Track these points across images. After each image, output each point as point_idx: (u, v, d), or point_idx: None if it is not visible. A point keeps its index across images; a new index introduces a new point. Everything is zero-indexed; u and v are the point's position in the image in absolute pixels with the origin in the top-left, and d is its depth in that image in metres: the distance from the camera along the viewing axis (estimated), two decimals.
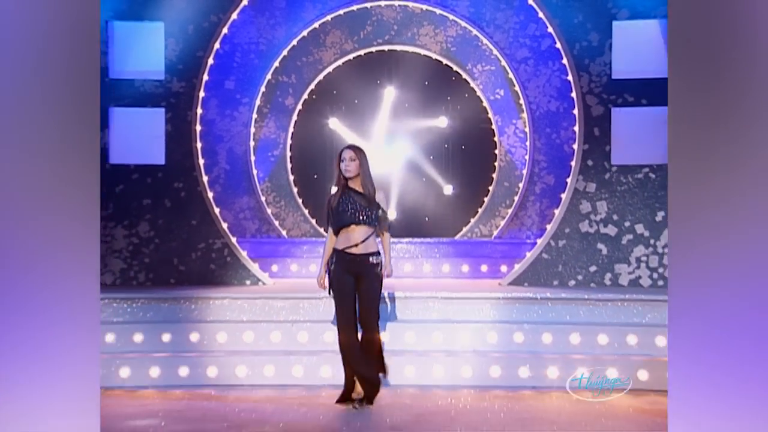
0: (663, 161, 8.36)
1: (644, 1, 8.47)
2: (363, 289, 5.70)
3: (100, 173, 8.55)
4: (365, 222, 5.62)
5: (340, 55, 11.15)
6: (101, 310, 7.31)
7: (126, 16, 8.63)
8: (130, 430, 5.62)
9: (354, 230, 5.62)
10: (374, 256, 5.69)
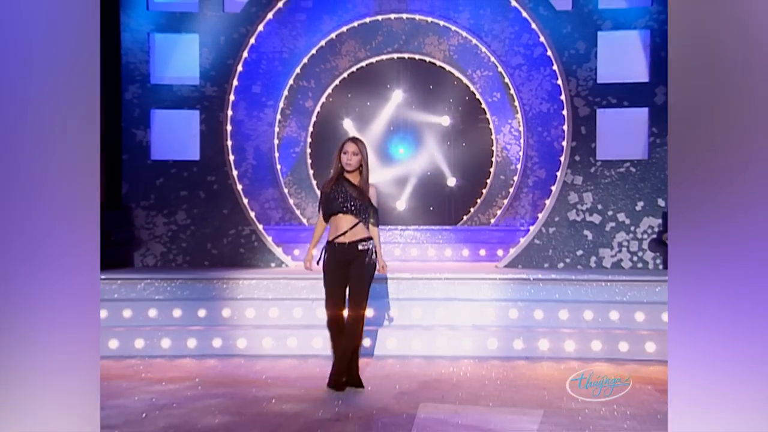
0: (643, 157, 8.47)
1: (626, 14, 8.47)
2: (353, 273, 5.29)
3: (143, 169, 8.46)
4: (352, 212, 5.22)
5: (354, 62, 11.11)
6: (144, 289, 7.53)
7: (165, 29, 8.68)
8: (172, 391, 5.62)
9: (341, 218, 5.24)
10: (363, 243, 5.26)
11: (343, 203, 5.18)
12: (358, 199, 5.21)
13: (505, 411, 5.05)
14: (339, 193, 5.22)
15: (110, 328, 7.16)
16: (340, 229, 5.20)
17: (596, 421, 4.76)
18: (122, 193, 8.66)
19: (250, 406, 5.17)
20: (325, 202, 5.32)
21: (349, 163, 5.21)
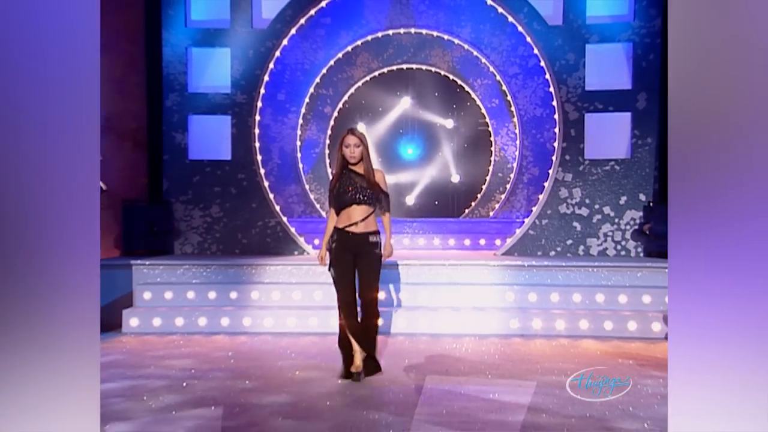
0: (626, 156, 8.44)
1: (611, 28, 8.44)
2: (362, 269, 4.90)
3: (182, 168, 8.41)
4: (365, 202, 4.79)
5: (368, 72, 11.10)
6: (183, 274, 7.57)
7: (201, 43, 8.70)
8: (210, 361, 5.74)
9: (354, 209, 4.79)
10: (373, 236, 4.85)
11: (354, 195, 4.79)
12: (369, 188, 4.82)
13: (503, 382, 5.08)
14: (349, 186, 4.82)
15: (154, 308, 7.27)
16: (352, 219, 4.80)
17: (584, 391, 4.74)
18: (163, 189, 8.70)
19: (276, 375, 5.24)
20: (336, 197, 4.87)
21: (352, 155, 4.84)
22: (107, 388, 4.85)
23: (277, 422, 4.14)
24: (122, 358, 5.93)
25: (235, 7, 8.64)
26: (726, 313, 2.06)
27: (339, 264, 4.85)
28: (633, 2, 8.36)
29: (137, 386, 4.94)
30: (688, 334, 2.14)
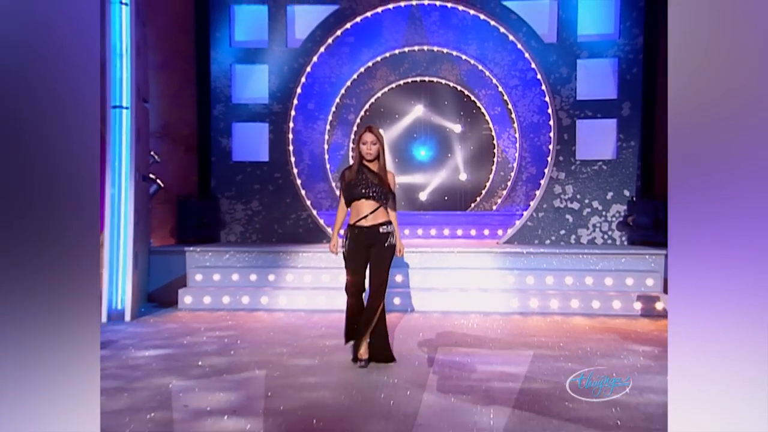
0: (612, 157, 8.42)
1: (599, 46, 8.43)
2: (374, 257, 4.48)
3: (226, 168, 8.43)
4: (374, 198, 4.43)
5: (386, 84, 11.01)
6: (228, 259, 7.64)
7: (243, 61, 8.75)
8: (253, 331, 5.85)
9: (363, 204, 4.43)
10: (384, 226, 4.45)
11: (364, 190, 4.42)
12: (379, 185, 4.45)
13: (503, 352, 5.14)
14: (360, 181, 4.45)
15: (204, 287, 7.36)
16: (361, 213, 4.44)
17: (573, 359, 4.83)
18: (211, 186, 8.74)
19: (306, 344, 5.35)
20: (347, 189, 4.51)
21: (369, 152, 4.46)
22: (168, 353, 5.04)
23: (303, 378, 4.28)
24: (179, 329, 6.05)
25: (272, 30, 8.67)
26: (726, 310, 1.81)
27: (353, 258, 4.50)
28: (618, 22, 8.33)
29: (192, 351, 5.08)
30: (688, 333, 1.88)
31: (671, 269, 2.01)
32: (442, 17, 9.49)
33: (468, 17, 8.86)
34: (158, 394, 3.91)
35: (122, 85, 6.55)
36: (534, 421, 3.42)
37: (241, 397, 3.86)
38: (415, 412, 3.59)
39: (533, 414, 3.53)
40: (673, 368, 1.93)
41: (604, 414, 3.53)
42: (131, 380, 4.23)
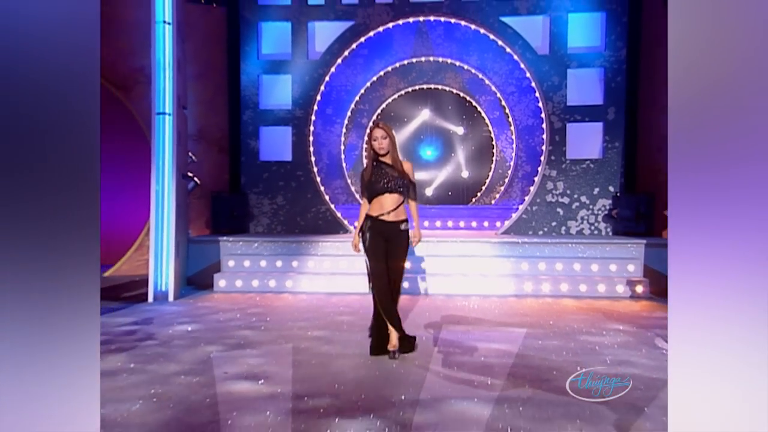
0: (599, 156, 8.41)
1: (587, 57, 8.42)
2: (392, 252, 4.11)
3: (254, 167, 8.54)
4: (396, 191, 4.09)
5: (396, 91, 11.05)
6: (257, 247, 7.63)
7: (269, 71, 8.79)
8: (279, 310, 5.91)
9: (386, 198, 4.09)
10: (403, 224, 4.15)
11: (386, 185, 4.08)
12: (399, 177, 4.11)
13: (500, 329, 5.17)
14: (381, 177, 4.10)
15: (236, 272, 7.44)
16: (384, 207, 4.09)
17: (561, 335, 4.87)
18: (241, 183, 8.81)
19: (327, 322, 5.39)
20: (368, 187, 4.16)
21: (381, 147, 4.12)
22: (206, 327, 5.13)
23: (324, 350, 4.37)
24: (215, 307, 6.12)
25: (295, 44, 8.72)
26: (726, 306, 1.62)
27: (373, 248, 4.11)
28: (604, 36, 8.32)
29: (227, 326, 5.19)
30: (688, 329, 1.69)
31: (671, 265, 1.75)
32: (446, 31, 9.46)
33: (469, 31, 8.85)
34: (200, 362, 4.03)
35: (165, 94, 6.61)
36: (525, 387, 3.49)
37: (271, 365, 3.96)
38: (422, 379, 3.65)
39: (525, 381, 3.60)
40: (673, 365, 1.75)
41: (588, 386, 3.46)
42: (177, 350, 4.35)
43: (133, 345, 4.55)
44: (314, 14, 8.77)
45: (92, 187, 1.63)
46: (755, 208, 1.58)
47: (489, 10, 8.50)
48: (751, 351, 1.59)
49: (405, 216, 4.18)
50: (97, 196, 1.66)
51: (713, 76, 1.66)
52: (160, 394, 3.34)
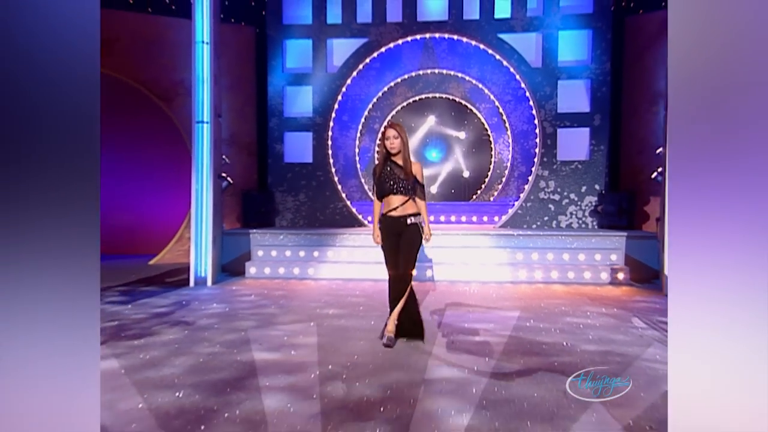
0: (586, 158, 8.41)
1: (575, 69, 8.42)
2: (402, 244, 3.94)
3: (279, 168, 8.67)
4: (401, 192, 3.92)
5: (404, 100, 10.99)
6: (282, 239, 7.66)
7: (293, 83, 8.86)
8: (303, 293, 5.94)
9: (393, 198, 3.94)
10: (411, 217, 3.92)
11: (393, 185, 3.93)
12: (406, 179, 3.93)
13: (497, 311, 5.22)
14: (389, 177, 3.94)
15: (264, 261, 7.53)
16: (392, 205, 3.95)
17: (551, 315, 4.92)
18: (268, 182, 8.91)
19: (344, 303, 5.48)
20: (378, 185, 4.01)
21: (393, 147, 3.93)
22: (240, 306, 5.24)
23: (333, 322, 4.52)
24: (246, 291, 6.23)
25: (315, 59, 8.81)
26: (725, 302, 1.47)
27: (386, 244, 4.01)
28: (590, 51, 8.34)
29: (258, 305, 5.30)
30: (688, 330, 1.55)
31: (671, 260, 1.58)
32: (450, 47, 9.48)
33: (470, 47, 8.88)
34: (238, 335, 4.19)
35: (203, 105, 6.72)
36: (517, 360, 3.58)
37: (297, 338, 4.10)
38: (428, 350, 3.75)
39: (518, 354, 3.70)
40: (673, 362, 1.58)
41: (573, 360, 3.60)
42: (218, 324, 4.52)
43: (181, 320, 4.75)
44: (332, 32, 8.84)
45: (92, 188, 1.44)
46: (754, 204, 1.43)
47: (488, 27, 8.55)
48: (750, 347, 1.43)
49: (412, 210, 3.96)
50: (97, 196, 1.48)
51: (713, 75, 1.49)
52: (205, 361, 3.52)
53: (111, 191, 9.10)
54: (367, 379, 3.17)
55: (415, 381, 3.15)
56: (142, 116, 9.05)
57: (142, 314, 5.10)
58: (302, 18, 8.92)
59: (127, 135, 9.32)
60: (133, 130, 9.31)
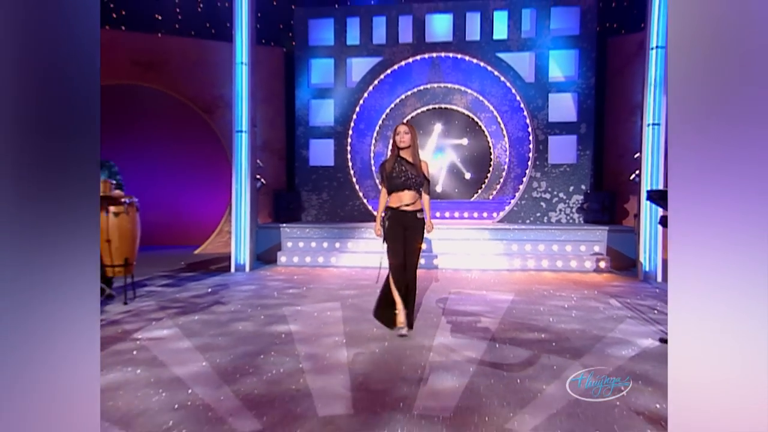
0: (573, 162, 8.44)
1: (564, 84, 8.45)
2: (409, 238, 3.67)
3: (305, 170, 8.85)
4: (413, 187, 3.66)
5: (414, 110, 10.92)
6: (308, 232, 7.73)
7: (317, 96, 9.02)
8: (326, 278, 6.10)
9: (405, 193, 3.66)
10: (419, 213, 3.69)
11: (405, 181, 3.64)
12: (415, 174, 3.67)
13: (494, 293, 5.27)
14: (400, 173, 3.66)
15: (293, 251, 7.66)
16: (403, 201, 3.66)
17: (542, 297, 5.00)
18: (295, 183, 9.07)
19: (361, 286, 5.56)
20: (388, 179, 3.69)
21: (402, 140, 3.67)
22: (273, 286, 5.37)
23: (350, 301, 4.64)
24: (278, 276, 6.38)
25: (337, 75, 8.96)
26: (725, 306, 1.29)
27: (393, 236, 3.68)
28: (577, 68, 8.39)
29: (286, 287, 5.44)
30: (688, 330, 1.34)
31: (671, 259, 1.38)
32: (454, 64, 9.56)
33: (472, 64, 8.94)
34: (274, 311, 4.39)
35: (242, 117, 6.86)
36: (511, 331, 3.69)
37: (324, 313, 4.29)
38: (435, 325, 3.84)
39: (511, 327, 3.80)
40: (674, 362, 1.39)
41: (557, 332, 3.69)
42: (254, 301, 4.71)
43: (227, 298, 4.97)
44: (351, 52, 8.99)
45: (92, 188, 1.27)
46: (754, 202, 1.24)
47: (487, 48, 8.65)
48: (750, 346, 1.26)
49: (420, 206, 3.75)
50: (97, 195, 1.32)
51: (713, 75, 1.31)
52: (250, 330, 3.74)
53: (160, 190, 9.43)
54: (374, 340, 3.37)
55: (425, 346, 3.33)
56: (187, 126, 9.32)
57: (196, 292, 5.34)
58: (325, 40, 9.07)
59: (174, 142, 9.64)
60: (180, 138, 9.62)
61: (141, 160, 9.29)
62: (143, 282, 5.96)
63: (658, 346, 3.41)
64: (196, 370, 2.93)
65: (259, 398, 2.52)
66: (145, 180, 9.02)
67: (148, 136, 9.45)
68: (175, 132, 9.40)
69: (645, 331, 3.83)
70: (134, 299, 4.97)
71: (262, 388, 2.64)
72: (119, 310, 4.49)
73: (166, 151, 9.43)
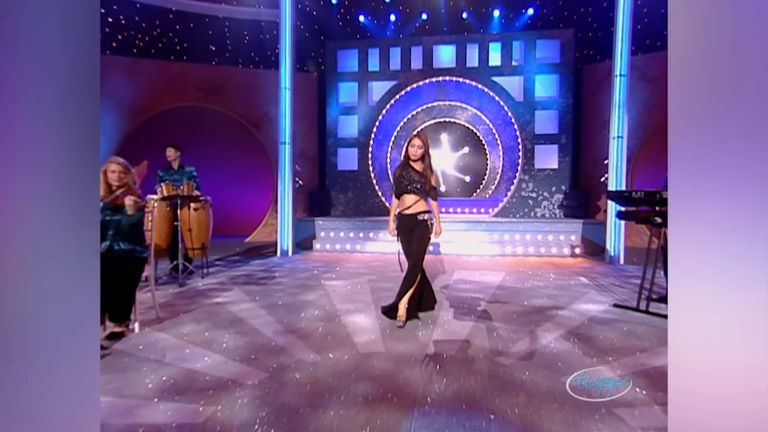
0: (555, 167, 8.57)
1: (548, 102, 8.61)
2: (414, 239, 3.35)
3: (334, 174, 9.09)
4: (415, 192, 3.35)
5: (423, 123, 10.67)
6: (337, 224, 7.88)
7: (344, 113, 9.25)
8: (352, 262, 6.20)
9: (408, 197, 3.38)
10: (422, 215, 3.34)
11: (408, 185, 3.38)
12: (420, 182, 3.36)
13: (489, 273, 5.39)
14: (405, 178, 3.40)
15: (325, 240, 7.87)
16: (406, 204, 3.41)
17: (528, 275, 5.17)
18: (326, 184, 9.32)
19: (382, 269, 5.70)
20: (396, 183, 3.44)
21: (415, 154, 3.38)
22: (311, 266, 5.61)
23: (370, 284, 4.70)
24: (314, 260, 6.63)
25: (360, 95, 9.21)
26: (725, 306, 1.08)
27: (402, 238, 3.44)
28: (558, 89, 8.55)
29: (319, 269, 5.68)
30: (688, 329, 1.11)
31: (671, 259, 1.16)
32: (457, 86, 9.66)
33: (472, 86, 9.07)
34: (313, 281, 4.71)
35: (285, 131, 7.10)
36: (501, 303, 3.85)
37: (350, 289, 4.49)
38: (441, 300, 3.94)
39: (502, 301, 3.95)
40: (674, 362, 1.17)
41: (538, 301, 3.88)
42: (297, 276, 5.03)
43: (274, 274, 5.33)
44: (372, 77, 9.24)
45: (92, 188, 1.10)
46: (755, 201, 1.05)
47: (484, 72, 8.87)
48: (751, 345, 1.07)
49: (423, 208, 3.40)
50: (97, 195, 1.15)
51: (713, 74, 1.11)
52: (301, 300, 4.07)
53: (217, 190, 9.89)
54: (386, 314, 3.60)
55: (433, 315, 3.64)
56: (239, 139, 9.68)
57: (254, 269, 5.73)
58: (351, 67, 9.35)
59: (229, 151, 10.09)
60: (233, 148, 10.01)
61: (205, 166, 9.75)
62: (213, 263, 6.33)
63: (610, 309, 3.76)
64: (262, 322, 3.38)
65: (311, 332, 2.96)
66: (209, 181, 9.48)
67: (211, 147, 9.94)
68: (231, 143, 9.84)
69: (603, 299, 4.15)
70: (209, 275, 5.39)
71: (311, 326, 3.09)
72: (200, 282, 4.92)
73: (223, 159, 9.91)
